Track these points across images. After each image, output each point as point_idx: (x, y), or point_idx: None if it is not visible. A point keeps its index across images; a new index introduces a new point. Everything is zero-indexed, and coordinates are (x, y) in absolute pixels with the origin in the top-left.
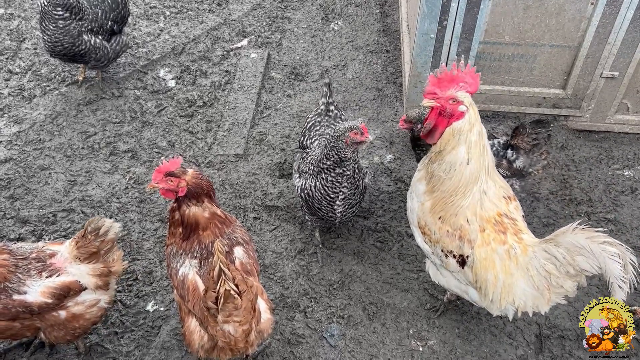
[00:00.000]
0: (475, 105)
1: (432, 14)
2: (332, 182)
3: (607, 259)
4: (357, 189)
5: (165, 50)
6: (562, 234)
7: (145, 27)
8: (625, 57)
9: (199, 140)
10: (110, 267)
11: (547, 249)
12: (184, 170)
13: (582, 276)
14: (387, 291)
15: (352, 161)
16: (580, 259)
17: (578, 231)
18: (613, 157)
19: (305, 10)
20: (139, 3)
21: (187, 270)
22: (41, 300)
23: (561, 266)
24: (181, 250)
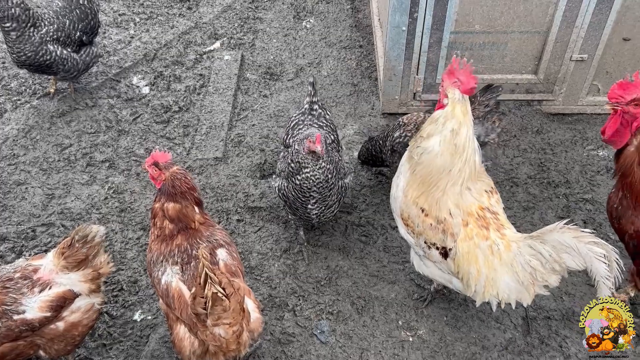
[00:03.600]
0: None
1: (402, 7)
2: (300, 185)
3: (594, 259)
4: (331, 191)
5: (137, 57)
6: (549, 231)
7: (116, 35)
8: (593, 39)
9: (177, 146)
10: (99, 270)
11: (532, 246)
12: (170, 165)
13: (566, 271)
14: (374, 284)
15: (318, 167)
16: (566, 256)
17: (565, 230)
18: (587, 138)
19: (276, 10)
20: (108, 11)
21: (169, 278)
22: (41, 315)
23: (547, 263)
24: (161, 256)
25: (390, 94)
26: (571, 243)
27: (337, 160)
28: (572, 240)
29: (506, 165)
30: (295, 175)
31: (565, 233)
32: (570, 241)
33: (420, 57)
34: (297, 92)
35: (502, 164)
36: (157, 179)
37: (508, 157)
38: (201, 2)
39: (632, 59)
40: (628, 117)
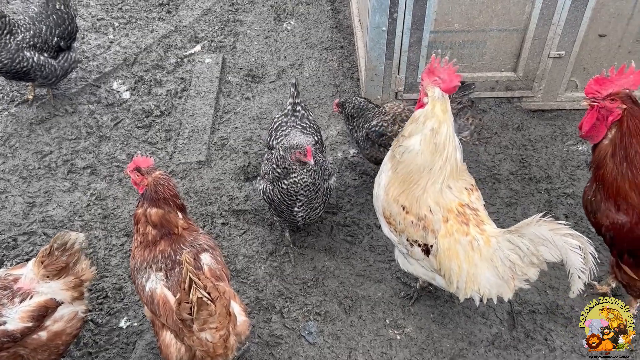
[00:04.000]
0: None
1: (382, 7)
2: (287, 189)
3: (569, 250)
4: (317, 193)
5: (117, 62)
6: (526, 225)
7: (95, 40)
8: (569, 36)
9: (159, 150)
10: (80, 277)
11: (511, 240)
12: (152, 170)
13: (544, 264)
14: (361, 284)
15: (306, 171)
16: (543, 249)
17: (542, 223)
18: (567, 133)
19: (256, 12)
20: (86, 16)
21: (153, 284)
22: (22, 326)
23: (525, 256)
24: (145, 263)
25: (373, 94)
26: (548, 235)
27: (322, 161)
28: (549, 232)
29: (488, 162)
30: (281, 180)
31: (542, 226)
32: (547, 234)
33: (401, 57)
34: (280, 93)
35: (484, 161)
36: (139, 184)
37: (490, 154)
38: (181, 5)
39: (607, 55)
40: (604, 111)
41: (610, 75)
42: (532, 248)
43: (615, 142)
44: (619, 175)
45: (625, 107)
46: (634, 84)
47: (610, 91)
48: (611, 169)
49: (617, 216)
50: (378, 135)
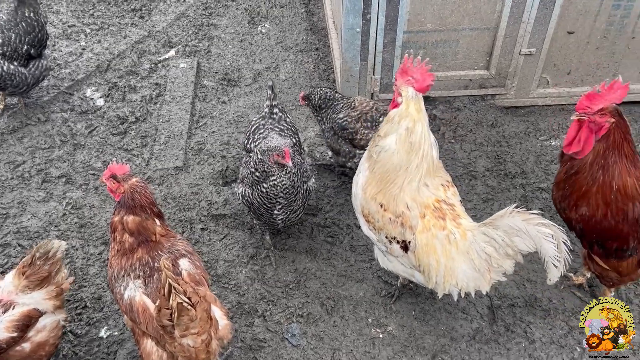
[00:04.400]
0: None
1: (355, 9)
2: (266, 192)
3: (542, 239)
4: (297, 196)
5: (90, 69)
6: (500, 217)
7: (66, 47)
8: (539, 33)
9: (136, 157)
10: (61, 286)
11: (486, 232)
12: (128, 177)
13: (519, 255)
14: (342, 284)
15: (285, 173)
16: (517, 240)
17: (515, 214)
18: (540, 129)
19: (230, 16)
20: (57, 23)
21: (132, 292)
22: (7, 336)
23: (500, 248)
24: (123, 271)
25: (348, 95)
26: (521, 226)
27: (300, 163)
28: (522, 223)
29: (464, 159)
30: (260, 183)
31: (515, 217)
32: (520, 224)
33: (376, 58)
34: (256, 97)
35: (460, 159)
36: (115, 192)
37: (465, 151)
38: (153, 10)
39: (577, 51)
40: (593, 126)
41: (601, 91)
42: (507, 239)
43: (598, 152)
44: (592, 180)
45: (613, 121)
46: (619, 98)
47: (601, 106)
48: (587, 174)
49: (582, 210)
50: (341, 128)
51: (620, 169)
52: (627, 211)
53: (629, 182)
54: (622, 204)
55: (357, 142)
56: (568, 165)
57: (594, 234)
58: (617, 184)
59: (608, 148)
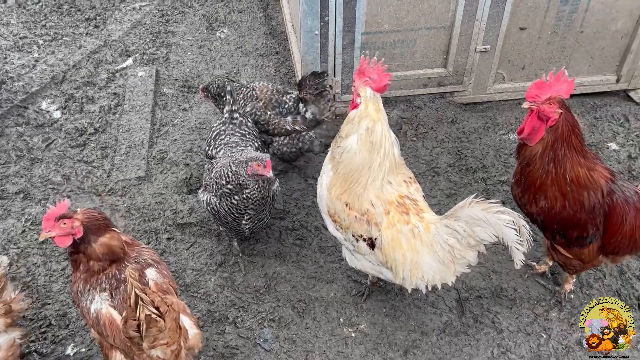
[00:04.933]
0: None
1: (312, 11)
2: (235, 205)
3: (503, 226)
4: (265, 205)
5: (45, 81)
6: (460, 208)
7: (18, 60)
8: (493, 30)
9: (96, 169)
10: (9, 303)
11: (448, 224)
12: (73, 211)
13: (481, 245)
14: (313, 286)
15: (257, 187)
16: (478, 229)
17: (474, 204)
18: (498, 124)
19: (188, 22)
20: (7, 35)
21: (98, 305)
22: None
23: (462, 239)
24: (88, 285)
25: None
26: (481, 215)
27: None
28: (482, 212)
29: (426, 156)
30: (232, 195)
31: (475, 207)
32: (480, 214)
33: (336, 60)
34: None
35: (423, 156)
36: (73, 228)
37: (427, 148)
38: (108, 19)
39: (529, 47)
40: (543, 115)
41: (549, 80)
42: (468, 230)
43: (547, 144)
44: (544, 173)
45: (561, 112)
46: (567, 92)
47: (549, 95)
48: (538, 167)
49: (541, 203)
50: (253, 122)
51: (571, 160)
52: (583, 200)
53: (581, 172)
54: (578, 194)
55: (271, 131)
56: (522, 159)
57: (554, 225)
58: (570, 176)
59: (557, 140)
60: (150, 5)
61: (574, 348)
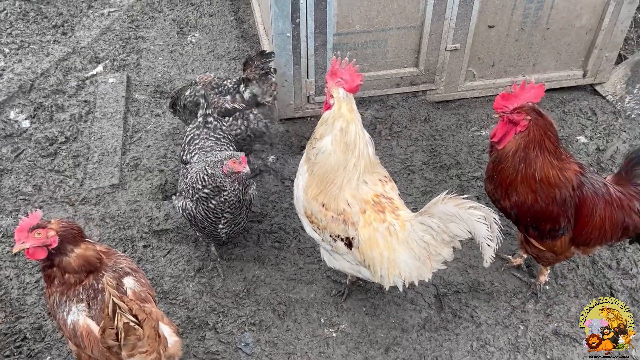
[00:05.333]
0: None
1: (284, 14)
2: (212, 209)
3: (475, 221)
4: (242, 208)
5: (12, 90)
6: (434, 204)
7: None
8: (462, 29)
9: (68, 178)
10: None
11: (422, 221)
12: (47, 221)
13: (456, 241)
14: (292, 288)
15: (233, 189)
16: (452, 225)
17: (447, 200)
18: (470, 121)
19: (158, 27)
20: None
21: (75, 316)
22: None
23: (437, 235)
24: (64, 296)
25: (285, 100)
26: (454, 211)
27: None
28: (455, 208)
29: (401, 155)
30: (210, 199)
31: (448, 203)
32: (453, 209)
33: (309, 61)
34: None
35: (398, 155)
36: (48, 240)
37: (402, 147)
38: (76, 26)
39: (498, 44)
40: (512, 123)
41: (514, 91)
42: (442, 226)
43: (520, 145)
44: (515, 171)
45: (530, 119)
46: (536, 97)
47: (516, 105)
48: (510, 164)
49: (514, 198)
50: (194, 104)
51: (542, 162)
52: (555, 195)
53: (552, 173)
54: (548, 191)
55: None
56: (494, 156)
57: (528, 218)
58: (539, 175)
59: (529, 143)
60: (119, 11)
61: (551, 338)
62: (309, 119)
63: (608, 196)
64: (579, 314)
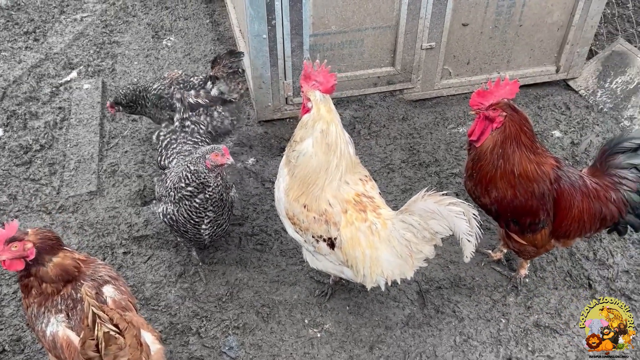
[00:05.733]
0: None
1: (259, 16)
2: (195, 208)
3: (454, 217)
4: (224, 209)
5: None
6: (414, 202)
7: None
8: (437, 27)
9: (44, 187)
10: None
11: (403, 219)
12: (23, 232)
13: (437, 238)
14: (276, 290)
15: (216, 185)
16: (432, 222)
17: (427, 197)
18: (447, 118)
19: (133, 32)
20: None
21: (54, 328)
22: None
23: (418, 232)
24: (43, 307)
25: (263, 102)
26: (434, 208)
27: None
28: (434, 205)
29: (381, 154)
30: (194, 198)
31: (428, 200)
32: (433, 206)
33: (286, 62)
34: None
35: (377, 154)
36: (25, 251)
37: (381, 146)
38: (49, 32)
39: (472, 42)
40: (488, 120)
41: (489, 88)
42: (423, 223)
43: (497, 141)
44: (494, 168)
45: (505, 114)
46: (511, 93)
47: (491, 102)
48: (489, 161)
49: (493, 194)
50: (158, 97)
51: (520, 157)
52: (533, 190)
53: (530, 167)
54: (527, 186)
55: (174, 105)
56: (473, 154)
57: (508, 213)
58: (518, 170)
59: (506, 139)
60: (92, 16)
61: (532, 330)
62: (288, 120)
63: (585, 188)
64: (558, 305)
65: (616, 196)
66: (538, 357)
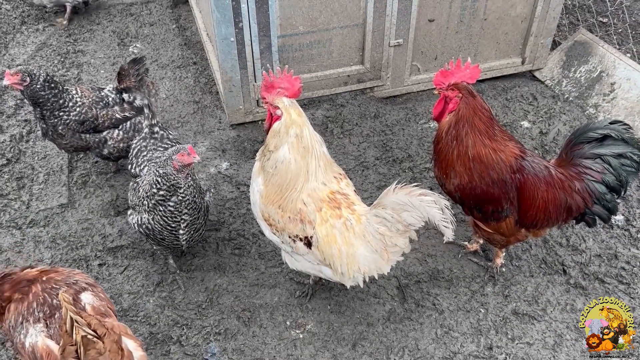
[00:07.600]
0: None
1: (225, 19)
2: (171, 212)
3: (427, 207)
4: (199, 212)
5: None
6: (385, 196)
7: None
8: (404, 24)
9: (13, 201)
10: None
11: (377, 214)
12: None
13: (411, 231)
14: (256, 293)
15: (188, 186)
16: (405, 214)
17: (398, 190)
18: (418, 114)
19: (98, 40)
20: None
21: (33, 338)
22: None
23: (392, 225)
24: (20, 317)
25: (234, 105)
26: (405, 200)
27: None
28: (406, 197)
29: (354, 152)
30: (167, 201)
31: (399, 193)
32: (404, 198)
33: (255, 65)
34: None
35: (351, 152)
36: None
37: (354, 144)
38: (10, 43)
39: (439, 37)
40: (446, 101)
41: (451, 68)
42: (396, 216)
43: (451, 123)
44: (450, 149)
45: (461, 96)
46: (471, 78)
47: (452, 81)
48: (445, 143)
49: (455, 180)
50: (80, 123)
51: (474, 140)
52: (492, 176)
53: (484, 151)
54: (481, 171)
55: (101, 125)
56: (433, 137)
57: (471, 200)
58: (471, 153)
59: (459, 120)
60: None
61: (511, 318)
62: (260, 122)
63: (549, 178)
64: (535, 293)
65: (580, 186)
66: (518, 345)
